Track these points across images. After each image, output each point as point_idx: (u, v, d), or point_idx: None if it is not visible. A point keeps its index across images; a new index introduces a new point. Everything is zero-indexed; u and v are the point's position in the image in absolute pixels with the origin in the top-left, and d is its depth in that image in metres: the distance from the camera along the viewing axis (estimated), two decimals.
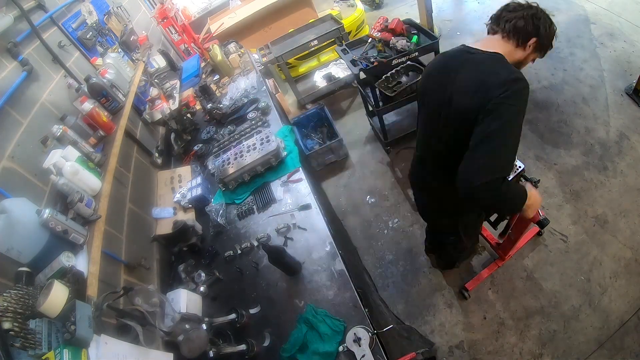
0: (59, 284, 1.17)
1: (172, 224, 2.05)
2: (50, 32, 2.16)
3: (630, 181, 2.63)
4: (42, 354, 1.05)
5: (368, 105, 3.45)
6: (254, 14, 4.16)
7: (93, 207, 1.56)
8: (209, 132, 2.77)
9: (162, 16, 3.81)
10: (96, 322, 1.19)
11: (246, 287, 1.76)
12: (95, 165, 1.78)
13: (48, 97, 1.86)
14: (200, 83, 3.17)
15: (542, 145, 3.02)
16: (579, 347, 2.04)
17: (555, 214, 2.58)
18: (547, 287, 2.29)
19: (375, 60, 2.69)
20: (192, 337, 1.38)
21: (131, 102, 2.34)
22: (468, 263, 2.52)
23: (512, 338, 2.15)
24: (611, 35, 3.73)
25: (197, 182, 2.29)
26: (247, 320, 1.58)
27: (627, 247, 2.34)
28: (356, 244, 2.85)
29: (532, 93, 3.43)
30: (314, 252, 1.72)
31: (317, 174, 3.47)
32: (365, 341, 1.33)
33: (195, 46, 4.31)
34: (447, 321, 2.33)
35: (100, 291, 1.33)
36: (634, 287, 2.17)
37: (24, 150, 1.55)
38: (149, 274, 1.88)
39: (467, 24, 4.61)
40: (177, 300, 1.64)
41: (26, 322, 1.09)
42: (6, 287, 1.18)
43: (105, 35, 2.78)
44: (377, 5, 5.72)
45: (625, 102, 3.12)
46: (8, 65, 1.70)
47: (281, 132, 2.41)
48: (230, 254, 1.89)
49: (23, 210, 1.32)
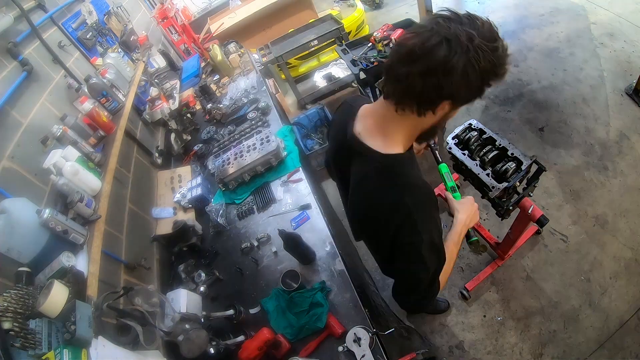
0: (59, 284, 1.17)
1: (172, 224, 2.05)
2: (50, 32, 2.16)
3: (630, 181, 2.63)
4: (42, 354, 1.05)
5: None
6: (254, 14, 4.16)
7: (93, 207, 1.56)
8: (209, 132, 2.77)
9: (162, 16, 3.81)
10: (96, 322, 1.19)
11: (246, 287, 1.76)
12: (95, 165, 1.78)
13: (48, 97, 1.86)
14: (200, 83, 3.17)
15: (542, 145, 3.02)
16: (579, 347, 2.04)
17: (555, 214, 2.58)
18: (547, 287, 2.29)
19: (375, 60, 2.69)
20: (192, 337, 1.38)
21: (131, 102, 2.34)
22: (468, 263, 2.52)
23: (512, 338, 2.15)
24: (611, 35, 3.73)
25: (197, 182, 2.29)
26: (244, 316, 1.58)
27: (627, 247, 2.34)
28: (356, 244, 2.84)
29: (532, 93, 3.44)
30: (314, 252, 1.72)
31: (317, 174, 3.46)
32: (365, 341, 1.33)
33: (195, 46, 4.31)
34: (447, 321, 2.32)
35: (100, 291, 1.33)
36: (634, 287, 2.17)
37: (24, 150, 1.55)
38: (149, 274, 1.88)
39: None
40: (177, 300, 1.64)
41: (26, 322, 1.09)
42: (6, 287, 1.18)
43: (105, 35, 2.78)
44: (377, 5, 5.71)
45: (625, 102, 3.12)
46: (8, 65, 1.69)
47: (281, 132, 2.41)
48: (247, 245, 1.89)
49: (23, 210, 1.32)
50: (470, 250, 2.17)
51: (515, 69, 3.73)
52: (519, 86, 3.55)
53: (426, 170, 3.16)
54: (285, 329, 1.50)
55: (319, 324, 1.44)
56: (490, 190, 1.60)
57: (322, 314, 1.46)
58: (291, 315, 1.51)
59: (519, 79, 3.62)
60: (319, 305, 1.49)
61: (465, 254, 2.57)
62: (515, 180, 1.59)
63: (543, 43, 3.89)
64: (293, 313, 1.51)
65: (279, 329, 1.50)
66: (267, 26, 4.24)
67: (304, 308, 1.50)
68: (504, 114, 3.35)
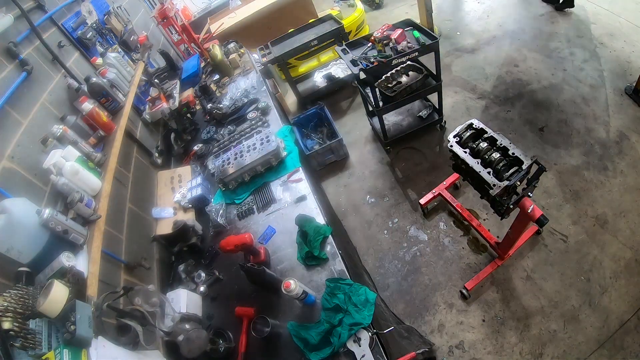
0: (59, 284, 1.17)
1: (172, 224, 2.05)
2: (50, 32, 2.16)
3: (630, 181, 2.63)
4: (42, 354, 1.05)
5: (368, 105, 3.45)
6: (254, 14, 4.17)
7: (93, 207, 1.56)
8: (209, 132, 2.77)
9: (162, 16, 3.81)
10: (96, 322, 1.19)
11: (246, 287, 1.76)
12: (95, 165, 1.79)
13: (48, 97, 1.86)
14: (200, 83, 3.17)
15: (542, 145, 3.02)
16: (579, 347, 2.04)
17: (555, 213, 2.58)
18: (547, 287, 2.29)
19: (375, 60, 2.69)
20: (192, 337, 1.38)
21: (131, 102, 2.34)
22: (468, 263, 2.52)
23: (512, 338, 2.15)
24: (611, 35, 3.73)
25: (197, 182, 2.29)
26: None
27: (627, 247, 2.34)
28: (356, 244, 2.85)
29: (532, 93, 3.44)
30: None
31: (317, 174, 3.47)
32: (365, 341, 1.33)
33: (195, 46, 4.32)
34: (447, 321, 2.32)
35: (100, 291, 1.33)
36: (634, 287, 2.17)
37: (24, 150, 1.55)
38: (149, 274, 1.88)
39: (467, 24, 4.60)
40: (177, 300, 1.64)
41: (26, 322, 1.09)
42: (6, 287, 1.18)
43: (105, 35, 2.79)
44: (377, 5, 5.71)
45: (625, 102, 3.12)
46: (8, 65, 1.70)
47: (281, 132, 2.41)
48: None
49: (23, 210, 1.32)
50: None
51: (515, 69, 3.73)
52: (519, 86, 3.55)
53: (426, 170, 3.17)
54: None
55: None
56: (491, 189, 1.60)
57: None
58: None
59: (519, 79, 3.62)
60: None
61: (466, 254, 2.57)
62: (516, 179, 1.59)
63: (543, 43, 3.90)
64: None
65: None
66: (267, 26, 4.24)
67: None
68: (504, 114, 3.35)
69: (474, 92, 3.65)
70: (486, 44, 4.18)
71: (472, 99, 3.60)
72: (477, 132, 1.79)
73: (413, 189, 3.10)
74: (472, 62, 4.03)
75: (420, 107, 3.49)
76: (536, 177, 1.69)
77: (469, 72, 3.92)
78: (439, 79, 2.94)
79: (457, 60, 4.13)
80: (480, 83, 3.73)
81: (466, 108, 3.53)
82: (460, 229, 2.70)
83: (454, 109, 3.57)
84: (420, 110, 3.46)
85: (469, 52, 4.18)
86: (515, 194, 1.73)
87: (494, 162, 1.67)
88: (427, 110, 3.41)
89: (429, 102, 3.48)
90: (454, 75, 3.94)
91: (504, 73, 3.74)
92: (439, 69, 2.87)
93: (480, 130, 1.77)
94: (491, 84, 3.67)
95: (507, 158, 1.66)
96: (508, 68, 3.77)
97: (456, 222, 2.74)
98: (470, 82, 3.79)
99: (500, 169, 1.64)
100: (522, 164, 1.59)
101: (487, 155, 1.69)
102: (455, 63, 4.10)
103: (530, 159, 1.59)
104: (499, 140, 1.69)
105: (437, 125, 3.44)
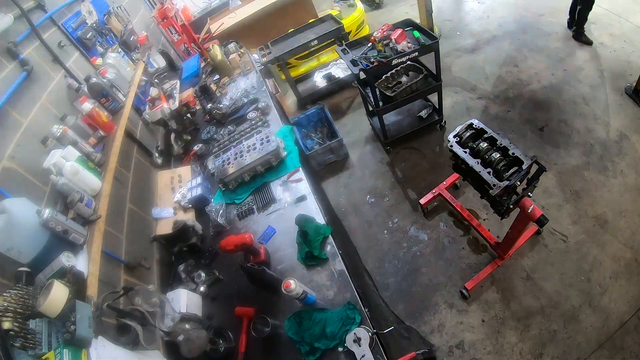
0: (59, 284, 1.17)
1: (172, 224, 2.05)
2: (50, 32, 2.16)
3: (630, 181, 2.63)
4: (42, 354, 1.05)
5: (368, 105, 3.45)
6: (254, 14, 4.16)
7: (93, 207, 1.56)
8: (209, 132, 2.77)
9: (162, 16, 3.81)
10: (96, 322, 1.19)
11: (246, 287, 1.76)
12: (95, 165, 1.78)
13: (48, 97, 1.86)
14: (200, 83, 3.17)
15: (542, 145, 3.02)
16: (579, 347, 2.04)
17: (555, 213, 2.58)
18: (547, 287, 2.29)
19: (375, 60, 2.69)
20: (192, 337, 1.38)
21: (131, 102, 2.34)
22: (468, 263, 2.52)
23: (512, 338, 2.15)
24: (611, 35, 3.73)
25: (197, 182, 2.29)
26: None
27: (627, 247, 2.34)
28: (356, 244, 2.85)
29: (532, 93, 3.44)
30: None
31: (317, 174, 3.47)
32: (365, 341, 1.33)
33: (195, 46, 4.31)
34: (447, 321, 2.32)
35: (100, 291, 1.33)
36: (634, 287, 2.17)
37: (24, 150, 1.55)
38: (149, 274, 1.88)
39: (467, 24, 4.60)
40: (177, 300, 1.64)
41: (26, 322, 1.09)
42: (6, 287, 1.18)
43: (105, 35, 2.78)
44: (377, 5, 5.71)
45: (625, 102, 3.12)
46: (8, 65, 1.70)
47: (281, 132, 2.41)
48: None
49: (23, 210, 1.32)
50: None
51: (515, 69, 3.73)
52: (519, 86, 3.55)
53: (426, 170, 3.17)
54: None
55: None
56: (491, 188, 1.60)
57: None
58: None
59: (519, 79, 3.62)
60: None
61: (466, 254, 2.57)
62: (516, 179, 1.59)
63: (543, 43, 3.90)
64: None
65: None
66: (267, 26, 4.24)
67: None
68: (504, 114, 3.35)
69: (474, 92, 3.65)
70: (486, 44, 4.18)
71: (472, 99, 3.60)
72: (477, 132, 1.79)
73: (413, 189, 3.10)
74: (472, 62, 4.03)
75: (420, 107, 3.49)
76: (536, 177, 1.69)
77: (469, 72, 3.92)
78: (439, 79, 2.94)
79: (457, 60, 4.13)
80: (480, 83, 3.73)
81: (466, 108, 3.53)
82: (460, 229, 2.70)
83: (454, 109, 3.57)
84: (420, 110, 3.46)
85: (469, 52, 4.18)
86: (515, 194, 1.73)
87: (494, 162, 1.67)
88: (427, 110, 3.42)
89: (429, 102, 3.48)
90: (454, 75, 3.94)
91: (504, 73, 3.74)
92: (439, 69, 2.88)
93: (480, 130, 1.77)
94: (491, 84, 3.67)
95: (507, 158, 1.66)
96: (508, 68, 3.78)
97: (456, 222, 2.74)
98: (470, 82, 3.79)
99: (500, 169, 1.64)
100: (522, 164, 1.59)
101: (487, 155, 1.69)
102: (455, 63, 4.10)
103: (530, 159, 1.59)
104: (499, 140, 1.69)
105: (437, 125, 3.44)
